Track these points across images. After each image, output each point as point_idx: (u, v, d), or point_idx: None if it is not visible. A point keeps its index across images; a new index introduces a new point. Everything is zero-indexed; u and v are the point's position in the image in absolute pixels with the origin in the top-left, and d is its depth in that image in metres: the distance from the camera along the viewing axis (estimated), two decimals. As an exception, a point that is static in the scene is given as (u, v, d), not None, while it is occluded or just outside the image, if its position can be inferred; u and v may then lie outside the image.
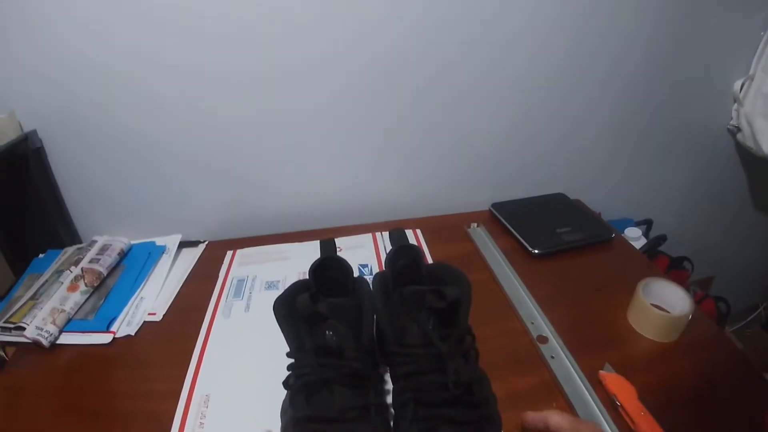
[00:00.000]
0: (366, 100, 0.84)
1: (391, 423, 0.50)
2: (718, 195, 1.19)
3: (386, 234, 0.88)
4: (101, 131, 0.81)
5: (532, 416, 0.49)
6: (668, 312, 0.65)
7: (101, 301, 0.74)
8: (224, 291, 0.77)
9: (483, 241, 0.87)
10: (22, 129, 0.79)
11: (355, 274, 0.62)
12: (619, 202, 1.09)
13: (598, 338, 0.65)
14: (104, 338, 0.68)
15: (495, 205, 0.96)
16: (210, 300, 0.75)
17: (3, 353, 0.69)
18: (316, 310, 0.48)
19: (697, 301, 0.86)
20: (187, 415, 0.56)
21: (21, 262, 0.83)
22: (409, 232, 0.88)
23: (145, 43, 0.73)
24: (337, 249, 0.59)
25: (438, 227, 0.91)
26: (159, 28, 0.72)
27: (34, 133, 0.81)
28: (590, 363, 0.60)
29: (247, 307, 0.73)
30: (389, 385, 0.54)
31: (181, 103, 0.80)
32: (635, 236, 0.98)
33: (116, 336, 0.69)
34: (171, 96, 0.79)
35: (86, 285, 0.75)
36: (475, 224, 0.92)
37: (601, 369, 0.59)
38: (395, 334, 0.51)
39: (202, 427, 0.54)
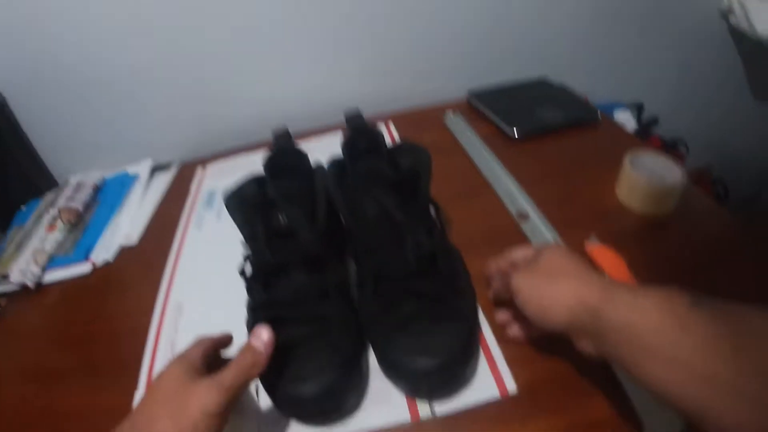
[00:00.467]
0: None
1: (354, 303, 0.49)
2: (711, 79, 1.10)
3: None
4: (59, 69, 0.79)
5: (495, 258, 0.48)
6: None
7: (80, 236, 0.74)
8: (196, 204, 0.76)
9: (460, 129, 0.83)
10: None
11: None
12: (608, 86, 1.02)
13: (583, 214, 0.62)
14: (84, 268, 0.68)
15: (472, 92, 0.90)
16: (182, 215, 0.75)
17: (-3, 304, 0.69)
18: (264, 195, 0.45)
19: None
20: (162, 324, 0.56)
21: (5, 219, 0.83)
22: (382, 126, 0.85)
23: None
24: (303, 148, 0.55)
25: (413, 119, 0.87)
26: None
27: (-7, 90, 0.79)
28: (575, 239, 0.57)
29: (219, 217, 0.72)
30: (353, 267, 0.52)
31: (131, 25, 0.77)
32: (625, 119, 0.93)
33: (95, 265, 0.69)
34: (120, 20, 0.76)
35: (64, 223, 0.74)
36: (451, 112, 0.87)
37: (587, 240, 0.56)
38: (351, 211, 0.48)
39: (177, 332, 0.54)
